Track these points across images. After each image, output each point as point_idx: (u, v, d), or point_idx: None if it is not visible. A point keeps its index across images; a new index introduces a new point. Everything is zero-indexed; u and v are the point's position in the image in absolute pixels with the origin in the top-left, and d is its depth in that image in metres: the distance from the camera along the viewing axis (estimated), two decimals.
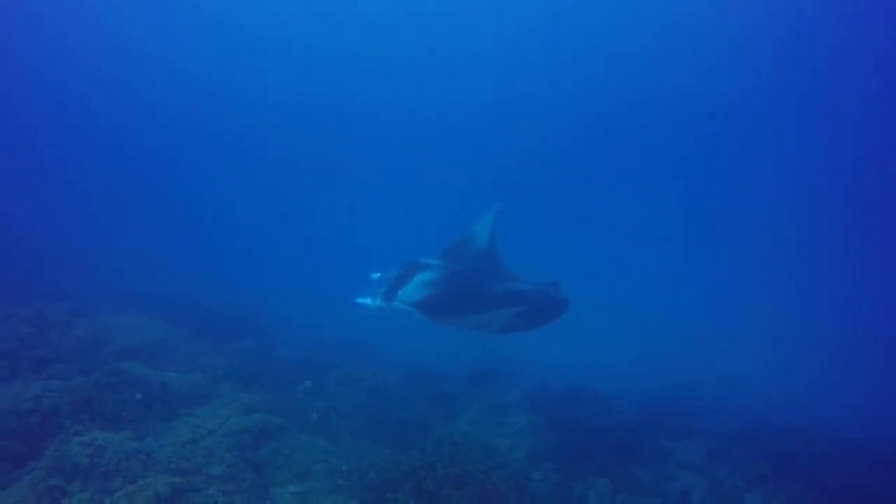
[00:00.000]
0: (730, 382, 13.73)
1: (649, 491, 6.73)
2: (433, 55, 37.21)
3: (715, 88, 33.09)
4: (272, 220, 34.77)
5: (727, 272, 31.36)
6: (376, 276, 6.03)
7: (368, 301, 5.72)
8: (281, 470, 4.98)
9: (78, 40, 34.41)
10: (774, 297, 26.86)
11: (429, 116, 38.77)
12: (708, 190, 37.28)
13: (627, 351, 16.28)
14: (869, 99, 26.73)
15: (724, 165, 36.36)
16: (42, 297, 9.39)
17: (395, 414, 7.04)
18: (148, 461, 4.69)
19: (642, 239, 34.41)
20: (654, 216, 36.20)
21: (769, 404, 11.36)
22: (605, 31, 33.33)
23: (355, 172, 38.54)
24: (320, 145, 39.57)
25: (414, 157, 38.17)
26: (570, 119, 37.44)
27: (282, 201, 37.18)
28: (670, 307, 23.21)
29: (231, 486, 4.53)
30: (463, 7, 34.72)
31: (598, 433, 8.01)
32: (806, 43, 27.65)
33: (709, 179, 36.67)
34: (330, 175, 39.06)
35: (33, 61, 34.29)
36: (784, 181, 34.19)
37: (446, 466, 4.92)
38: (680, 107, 34.46)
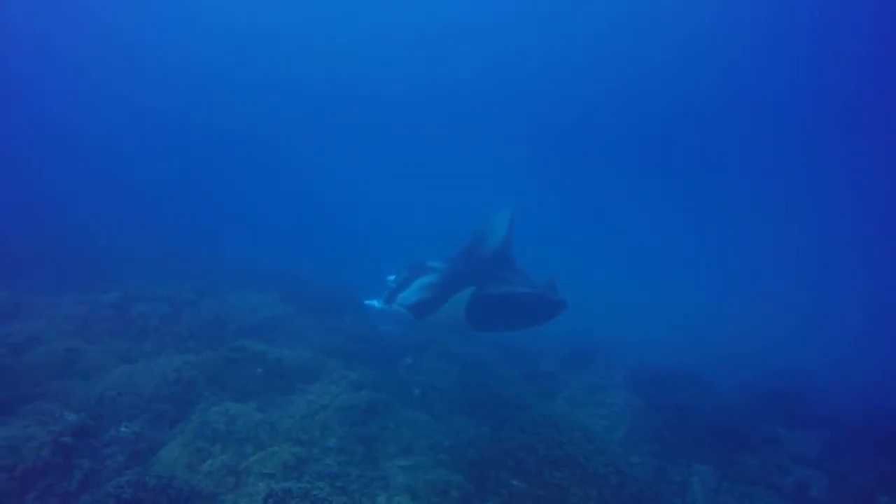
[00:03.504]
0: (837, 368, 12.60)
1: (759, 481, 6.35)
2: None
3: (736, 82, 32.84)
4: (363, 206, 36.42)
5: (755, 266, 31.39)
6: (391, 277, 6.32)
7: (375, 302, 6.07)
8: (388, 444, 5.30)
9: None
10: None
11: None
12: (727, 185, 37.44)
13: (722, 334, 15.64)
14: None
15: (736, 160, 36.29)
16: (172, 278, 10.63)
17: (491, 390, 7.19)
18: (272, 431, 5.21)
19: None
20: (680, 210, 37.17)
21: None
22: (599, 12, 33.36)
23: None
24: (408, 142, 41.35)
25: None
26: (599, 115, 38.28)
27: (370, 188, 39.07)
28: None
29: (344, 457, 4.91)
30: None
31: (701, 417, 7.67)
32: (826, 37, 26.91)
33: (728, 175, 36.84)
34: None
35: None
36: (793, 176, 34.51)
37: (546, 447, 4.98)
38: (700, 100, 34.37)
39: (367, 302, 6.24)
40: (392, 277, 6.32)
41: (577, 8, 34.04)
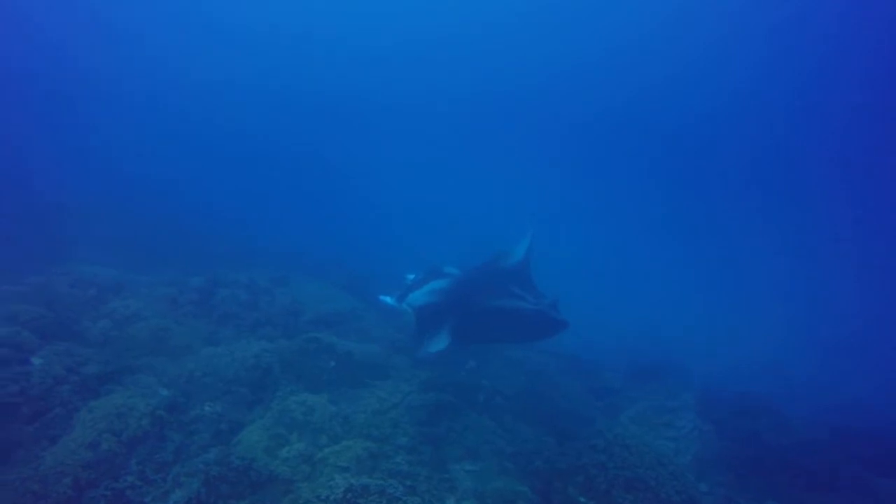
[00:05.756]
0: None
1: None
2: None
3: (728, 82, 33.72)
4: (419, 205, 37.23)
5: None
6: (410, 276, 6.52)
7: (388, 299, 6.26)
8: (454, 447, 5.36)
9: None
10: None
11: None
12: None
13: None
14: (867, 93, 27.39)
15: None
16: (248, 265, 11.22)
17: (555, 401, 7.12)
18: (345, 424, 5.40)
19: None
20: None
21: None
22: (611, 24, 35.01)
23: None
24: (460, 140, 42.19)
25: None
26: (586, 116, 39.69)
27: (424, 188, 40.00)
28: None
29: (414, 456, 5.02)
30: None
31: (775, 450, 7.27)
32: (808, 36, 28.03)
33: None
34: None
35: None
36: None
37: (618, 468, 4.88)
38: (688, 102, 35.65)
39: (381, 297, 6.45)
40: (412, 276, 6.53)
41: (590, 19, 35.52)
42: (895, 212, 31.98)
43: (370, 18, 41.08)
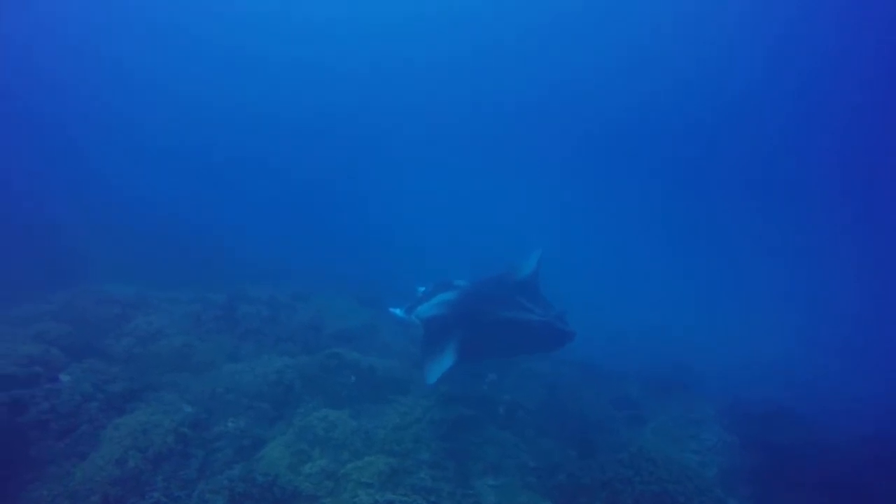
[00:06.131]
0: None
1: None
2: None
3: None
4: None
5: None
6: (421, 289, 6.64)
7: (397, 311, 6.40)
8: (476, 461, 5.32)
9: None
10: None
11: None
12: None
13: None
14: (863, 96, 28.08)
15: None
16: (268, 279, 11.33)
17: (576, 413, 7.03)
18: (367, 440, 5.39)
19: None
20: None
21: None
22: (610, 30, 35.94)
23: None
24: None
25: None
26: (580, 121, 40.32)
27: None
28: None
29: (437, 472, 4.98)
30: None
31: (804, 461, 7.06)
32: (801, 41, 29.00)
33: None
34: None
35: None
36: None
37: (644, 483, 4.79)
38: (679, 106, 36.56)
39: (390, 309, 6.55)
40: (422, 289, 6.60)
41: (589, 25, 36.41)
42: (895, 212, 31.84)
43: (371, 28, 41.79)
